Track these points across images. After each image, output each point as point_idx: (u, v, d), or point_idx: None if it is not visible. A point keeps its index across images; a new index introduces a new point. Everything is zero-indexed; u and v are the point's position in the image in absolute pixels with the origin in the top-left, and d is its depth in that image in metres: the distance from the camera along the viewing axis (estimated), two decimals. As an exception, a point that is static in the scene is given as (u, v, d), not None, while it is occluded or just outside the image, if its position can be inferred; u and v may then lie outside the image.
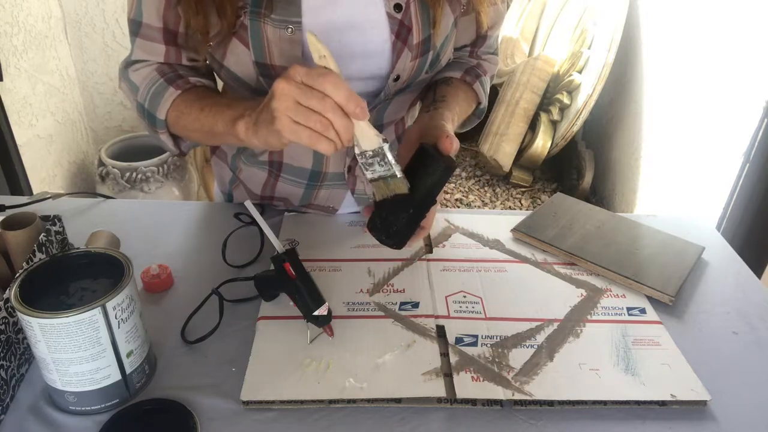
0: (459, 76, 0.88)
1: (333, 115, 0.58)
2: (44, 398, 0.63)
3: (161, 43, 0.78)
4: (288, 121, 0.60)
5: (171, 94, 0.76)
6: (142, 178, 2.23)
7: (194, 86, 0.78)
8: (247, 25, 0.73)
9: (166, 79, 0.77)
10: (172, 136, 0.82)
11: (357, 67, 0.78)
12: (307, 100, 0.58)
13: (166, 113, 0.77)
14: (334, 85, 0.58)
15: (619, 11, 2.41)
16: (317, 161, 0.89)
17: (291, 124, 0.60)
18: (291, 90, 0.58)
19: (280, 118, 0.60)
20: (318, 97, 0.58)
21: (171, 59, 0.79)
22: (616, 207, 2.47)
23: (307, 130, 0.59)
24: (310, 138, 0.60)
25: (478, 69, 0.89)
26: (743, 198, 1.56)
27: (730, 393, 0.66)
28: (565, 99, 2.63)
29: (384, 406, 0.64)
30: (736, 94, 1.66)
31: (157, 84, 0.77)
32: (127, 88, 0.82)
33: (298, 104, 0.59)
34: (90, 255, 0.64)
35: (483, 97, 0.90)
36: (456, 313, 0.75)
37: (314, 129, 0.59)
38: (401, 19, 0.76)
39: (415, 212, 0.66)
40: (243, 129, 0.67)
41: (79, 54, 2.40)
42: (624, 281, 0.82)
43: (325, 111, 0.58)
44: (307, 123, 0.59)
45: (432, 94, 0.84)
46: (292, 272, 0.68)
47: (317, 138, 0.60)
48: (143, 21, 0.77)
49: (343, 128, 0.59)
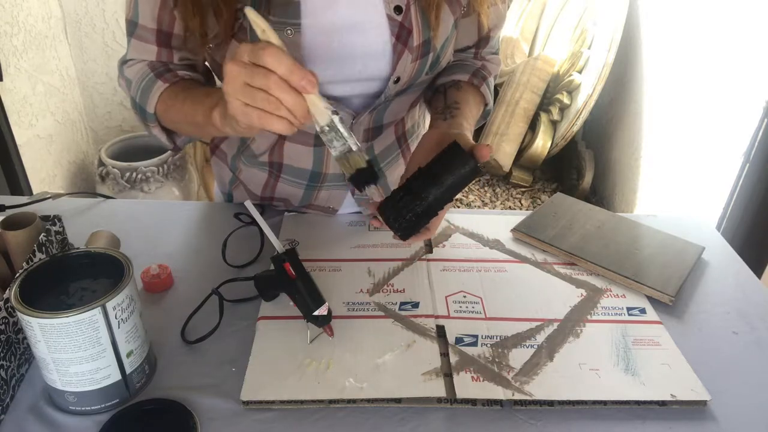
0: (467, 79, 0.87)
1: (279, 92, 0.55)
2: (44, 398, 0.63)
3: (154, 44, 0.78)
4: (239, 104, 0.57)
5: (159, 87, 0.76)
6: (142, 178, 2.23)
7: (182, 79, 0.78)
8: (246, 27, 0.73)
9: (156, 73, 0.78)
10: (165, 131, 0.82)
11: (357, 69, 0.78)
12: (251, 78, 0.55)
13: (155, 107, 0.77)
14: (275, 57, 0.54)
15: (619, 11, 2.41)
16: (317, 162, 0.89)
17: (241, 107, 0.57)
18: (238, 71, 0.56)
19: (231, 102, 0.57)
20: (262, 74, 0.55)
21: (162, 59, 0.80)
22: (616, 207, 2.47)
23: (256, 110, 0.56)
24: (261, 119, 0.56)
25: (483, 71, 0.89)
26: (743, 198, 1.56)
27: (730, 393, 0.66)
28: (565, 99, 2.63)
29: (384, 406, 0.64)
30: (736, 94, 1.66)
31: (147, 78, 0.78)
32: (124, 85, 0.83)
33: (246, 85, 0.55)
34: (90, 255, 0.64)
35: (490, 98, 0.90)
36: (456, 313, 0.75)
37: (264, 109, 0.56)
38: (401, 21, 0.76)
39: (431, 204, 0.65)
40: (218, 118, 0.65)
41: (79, 54, 2.40)
42: (624, 281, 0.82)
43: (269, 88, 0.55)
44: (255, 103, 0.56)
45: (443, 99, 0.84)
46: (292, 272, 0.68)
47: (268, 118, 0.56)
48: (139, 22, 0.77)
49: (293, 104, 0.56)
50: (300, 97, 0.56)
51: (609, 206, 2.52)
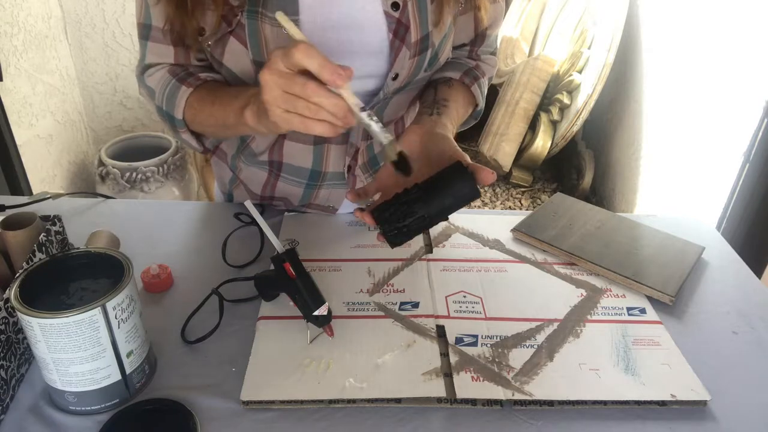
0: (458, 77, 0.88)
1: (318, 97, 0.57)
2: (44, 398, 0.63)
3: (170, 44, 0.79)
4: (280, 112, 0.59)
5: (184, 92, 0.77)
6: (142, 178, 2.23)
7: (205, 81, 0.79)
8: (244, 24, 0.73)
9: (178, 78, 0.78)
10: (194, 135, 0.83)
11: (355, 66, 0.77)
12: (289, 87, 0.57)
13: (182, 112, 0.78)
14: (305, 53, 0.56)
15: (619, 11, 2.41)
16: (317, 161, 0.89)
17: (283, 114, 0.59)
18: (274, 80, 0.58)
19: (271, 110, 0.59)
20: (299, 84, 0.57)
21: (180, 60, 0.80)
22: (616, 207, 2.47)
23: (297, 116, 0.59)
24: (303, 124, 0.59)
25: (476, 71, 0.89)
26: (743, 198, 1.56)
27: (730, 393, 0.66)
28: (565, 99, 2.63)
29: (384, 406, 0.64)
30: (736, 94, 1.66)
31: (170, 85, 0.78)
32: (146, 94, 0.84)
33: (285, 93, 0.58)
34: (90, 255, 0.64)
35: (480, 99, 0.90)
36: (456, 313, 0.75)
37: (304, 115, 0.58)
38: (399, 18, 0.76)
39: (426, 221, 0.66)
40: (250, 118, 0.67)
41: (79, 54, 2.40)
42: (624, 281, 0.82)
43: (308, 96, 0.57)
44: (296, 110, 0.58)
45: (432, 94, 0.84)
46: (292, 272, 0.68)
47: (310, 123, 0.59)
48: (152, 24, 0.77)
49: (332, 106, 0.58)
50: (338, 98, 0.58)
51: (609, 206, 2.52)
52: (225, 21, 0.73)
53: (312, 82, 0.57)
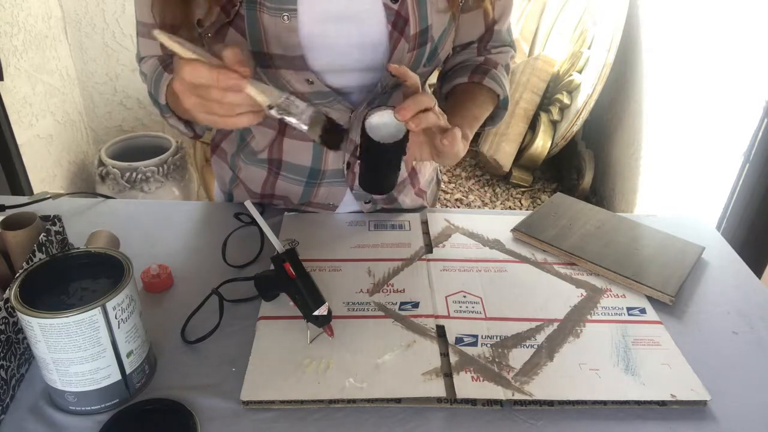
0: (466, 80, 0.87)
1: (226, 98, 0.59)
2: (44, 398, 0.63)
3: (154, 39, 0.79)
4: (203, 116, 0.62)
5: (166, 78, 0.78)
6: (142, 178, 2.23)
7: None
8: (243, 14, 0.73)
9: (164, 65, 0.81)
10: (182, 120, 0.83)
11: (354, 58, 0.78)
12: (199, 93, 0.60)
13: (165, 97, 0.78)
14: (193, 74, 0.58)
15: (619, 11, 2.41)
16: (316, 158, 0.89)
17: (206, 116, 0.62)
18: (186, 88, 0.60)
19: (195, 115, 0.62)
20: (203, 89, 0.59)
21: (168, 52, 0.81)
22: (616, 207, 2.47)
23: (218, 117, 0.61)
24: (225, 122, 0.62)
25: (485, 65, 0.89)
26: (743, 198, 1.56)
27: (730, 393, 0.66)
28: (565, 99, 2.63)
29: (384, 406, 0.64)
30: (736, 94, 1.66)
31: (156, 71, 0.80)
32: (143, 81, 0.87)
33: (199, 97, 0.60)
34: (90, 255, 0.64)
35: (499, 88, 0.88)
36: (456, 313, 0.75)
37: (221, 114, 0.61)
38: (398, 10, 0.76)
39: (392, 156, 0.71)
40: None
41: (79, 54, 2.40)
42: (624, 281, 0.82)
43: (217, 99, 0.59)
44: (213, 111, 0.61)
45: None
46: (292, 272, 0.68)
47: (230, 120, 0.62)
48: (141, 20, 0.80)
49: (244, 100, 0.60)
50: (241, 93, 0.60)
51: (609, 206, 2.52)
52: (224, 12, 0.73)
53: (214, 87, 0.59)
